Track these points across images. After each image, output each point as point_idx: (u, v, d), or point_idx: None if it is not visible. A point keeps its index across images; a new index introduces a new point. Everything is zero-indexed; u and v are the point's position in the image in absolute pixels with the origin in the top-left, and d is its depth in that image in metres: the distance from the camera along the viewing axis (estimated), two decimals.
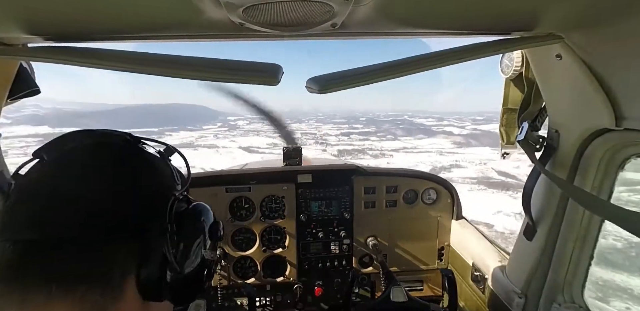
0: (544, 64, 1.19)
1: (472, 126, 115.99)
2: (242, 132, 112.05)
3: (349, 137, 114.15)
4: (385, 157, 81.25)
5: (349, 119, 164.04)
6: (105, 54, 0.90)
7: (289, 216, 2.15)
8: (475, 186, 41.40)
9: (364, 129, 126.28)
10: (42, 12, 0.76)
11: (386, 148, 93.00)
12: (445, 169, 60.76)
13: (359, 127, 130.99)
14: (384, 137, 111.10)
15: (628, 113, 0.98)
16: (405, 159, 76.19)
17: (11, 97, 1.12)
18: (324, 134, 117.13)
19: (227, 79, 0.84)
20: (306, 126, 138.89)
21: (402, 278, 2.15)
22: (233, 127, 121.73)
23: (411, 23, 0.96)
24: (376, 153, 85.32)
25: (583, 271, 1.32)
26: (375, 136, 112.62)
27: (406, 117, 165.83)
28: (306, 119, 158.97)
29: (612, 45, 0.94)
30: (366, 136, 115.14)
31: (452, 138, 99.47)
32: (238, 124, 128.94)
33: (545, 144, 1.29)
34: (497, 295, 1.62)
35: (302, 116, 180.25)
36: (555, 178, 1.16)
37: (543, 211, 1.34)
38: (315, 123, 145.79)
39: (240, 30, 0.91)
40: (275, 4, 0.72)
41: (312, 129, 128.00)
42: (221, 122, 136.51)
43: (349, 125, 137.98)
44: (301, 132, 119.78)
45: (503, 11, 0.86)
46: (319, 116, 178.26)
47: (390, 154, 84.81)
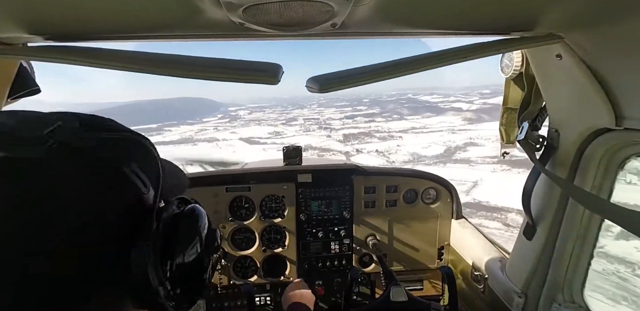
0: (544, 64, 1.19)
1: (481, 100, 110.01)
2: (243, 122, 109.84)
3: (354, 120, 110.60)
4: (394, 139, 75.43)
5: (352, 101, 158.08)
6: (105, 54, 0.90)
7: (289, 216, 2.15)
8: (497, 166, 38.01)
9: (368, 111, 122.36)
10: (42, 11, 0.76)
11: (393, 129, 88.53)
12: (460, 148, 56.10)
13: (363, 109, 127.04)
14: (390, 118, 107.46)
15: (628, 113, 0.98)
16: (415, 140, 71.20)
17: (11, 97, 1.12)
18: (328, 119, 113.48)
19: (227, 79, 0.84)
20: (308, 112, 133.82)
21: (402, 277, 2.15)
22: (234, 118, 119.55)
23: (411, 23, 0.96)
24: (384, 135, 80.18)
25: (583, 271, 1.33)
26: (380, 117, 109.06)
27: (410, 95, 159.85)
28: (308, 105, 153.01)
29: (612, 45, 0.94)
30: (371, 117, 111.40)
31: (462, 114, 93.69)
32: (239, 114, 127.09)
33: (545, 143, 1.29)
34: (497, 295, 1.62)
35: (303, 101, 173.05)
36: (555, 177, 1.16)
37: (543, 210, 1.34)
38: (318, 108, 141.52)
39: (240, 30, 0.91)
40: (275, 4, 0.72)
41: (315, 114, 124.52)
42: (222, 114, 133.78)
43: (352, 108, 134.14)
44: (303, 118, 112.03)
45: (503, 11, 0.86)
46: (320, 100, 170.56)
47: (399, 135, 79.31)
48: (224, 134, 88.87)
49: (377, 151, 72.79)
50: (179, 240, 0.57)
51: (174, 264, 0.55)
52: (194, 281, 0.61)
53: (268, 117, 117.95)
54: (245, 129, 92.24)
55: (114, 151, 0.52)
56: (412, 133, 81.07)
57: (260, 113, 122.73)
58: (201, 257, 0.61)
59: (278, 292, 2.21)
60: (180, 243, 0.57)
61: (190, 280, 0.60)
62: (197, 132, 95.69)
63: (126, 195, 0.51)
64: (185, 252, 0.57)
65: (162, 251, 0.53)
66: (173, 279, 0.54)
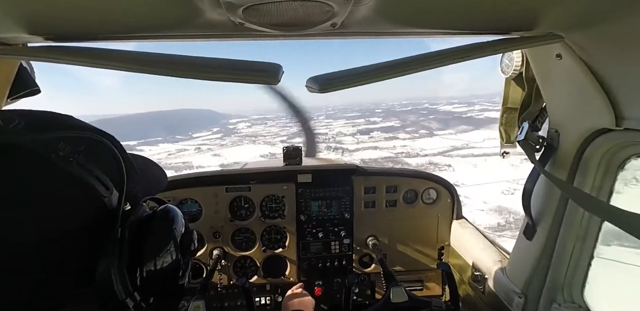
0: (544, 64, 1.19)
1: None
2: (237, 139, 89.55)
3: (370, 136, 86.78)
4: (439, 168, 47.46)
5: (363, 112, 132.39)
6: (105, 54, 0.90)
7: (289, 216, 2.15)
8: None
9: (385, 123, 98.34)
10: (42, 12, 0.76)
11: (429, 150, 62.19)
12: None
13: (378, 121, 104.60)
14: (416, 133, 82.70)
15: (628, 113, 0.98)
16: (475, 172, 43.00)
17: (11, 97, 1.12)
18: (338, 134, 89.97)
19: (228, 79, 0.84)
20: (315, 124, 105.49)
21: (402, 277, 2.15)
22: (229, 133, 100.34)
23: (411, 23, 0.96)
24: (421, 162, 52.44)
25: (583, 271, 1.33)
26: (403, 132, 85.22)
27: (427, 105, 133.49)
28: (315, 116, 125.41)
29: (612, 45, 0.93)
30: (391, 132, 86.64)
31: None
32: (237, 128, 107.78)
33: (545, 144, 1.29)
34: (497, 295, 1.62)
35: (310, 112, 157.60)
36: (554, 178, 1.16)
37: (543, 211, 1.34)
38: (326, 120, 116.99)
39: (240, 30, 0.91)
40: (275, 4, 0.72)
41: (322, 128, 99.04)
42: (219, 127, 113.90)
43: (365, 119, 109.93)
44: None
45: (503, 11, 0.86)
46: (329, 111, 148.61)
47: (445, 162, 50.27)
48: (202, 159, 69.63)
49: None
50: (150, 245, 0.53)
51: (144, 271, 0.51)
52: (169, 288, 0.57)
53: (268, 132, 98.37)
54: (233, 151, 71.70)
55: (65, 151, 0.47)
56: (459, 157, 52.65)
57: (261, 126, 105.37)
58: (176, 262, 0.56)
59: (278, 292, 2.21)
60: (152, 248, 0.53)
61: (166, 286, 0.56)
62: (171, 154, 77.62)
63: (83, 197, 0.47)
64: (157, 257, 0.53)
65: (131, 258, 0.49)
66: (145, 287, 0.50)
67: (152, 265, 0.52)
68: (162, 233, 0.56)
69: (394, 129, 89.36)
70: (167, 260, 0.54)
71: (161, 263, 0.53)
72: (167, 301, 0.57)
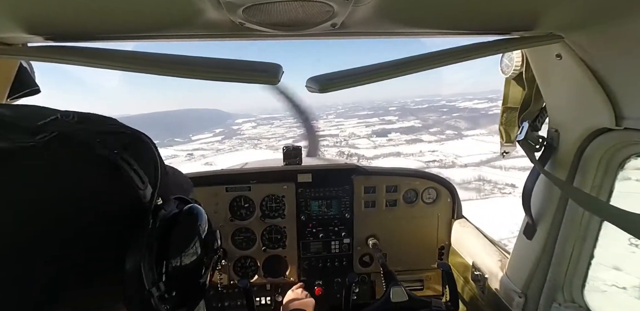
0: (544, 64, 1.19)
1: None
2: (237, 142, 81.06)
3: (389, 139, 73.99)
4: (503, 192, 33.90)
5: (375, 110, 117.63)
6: (105, 54, 0.90)
7: (289, 216, 2.15)
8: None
9: (404, 124, 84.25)
10: (42, 11, 0.76)
11: (465, 157, 48.71)
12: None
13: (395, 121, 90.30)
14: (442, 135, 69.46)
15: (628, 113, 0.98)
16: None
17: (11, 97, 1.12)
18: (351, 136, 78.61)
19: (228, 79, 0.84)
20: (324, 124, 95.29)
21: (403, 277, 2.15)
22: (232, 134, 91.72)
23: (411, 23, 0.96)
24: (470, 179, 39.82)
25: (583, 271, 1.33)
26: (427, 134, 72.23)
27: (444, 102, 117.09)
28: (324, 114, 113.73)
29: (612, 45, 0.94)
30: (413, 133, 73.58)
31: None
32: (241, 129, 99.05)
33: (545, 143, 1.29)
34: (497, 294, 1.62)
35: (319, 111, 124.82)
36: (554, 178, 1.16)
37: (543, 210, 1.34)
38: (336, 119, 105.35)
39: (240, 30, 0.91)
40: (275, 4, 0.72)
41: (333, 129, 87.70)
42: (223, 128, 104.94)
43: (379, 118, 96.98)
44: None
45: (503, 11, 0.86)
46: (338, 109, 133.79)
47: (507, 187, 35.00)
48: (189, 168, 56.81)
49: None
50: (177, 240, 0.54)
51: (170, 265, 0.52)
52: (191, 285, 0.58)
53: (273, 133, 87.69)
54: (227, 159, 61.78)
55: (110, 144, 0.50)
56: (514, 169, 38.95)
57: (267, 127, 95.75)
58: (200, 259, 0.58)
59: (278, 292, 2.21)
60: (178, 244, 0.55)
61: (188, 283, 0.57)
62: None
63: (121, 188, 0.50)
64: (183, 253, 0.55)
65: (158, 251, 0.50)
66: (169, 281, 0.52)
67: (177, 258, 0.54)
68: (189, 229, 0.58)
69: (415, 130, 77.15)
70: (191, 255, 0.56)
71: (185, 257, 0.55)
72: (188, 299, 0.58)
